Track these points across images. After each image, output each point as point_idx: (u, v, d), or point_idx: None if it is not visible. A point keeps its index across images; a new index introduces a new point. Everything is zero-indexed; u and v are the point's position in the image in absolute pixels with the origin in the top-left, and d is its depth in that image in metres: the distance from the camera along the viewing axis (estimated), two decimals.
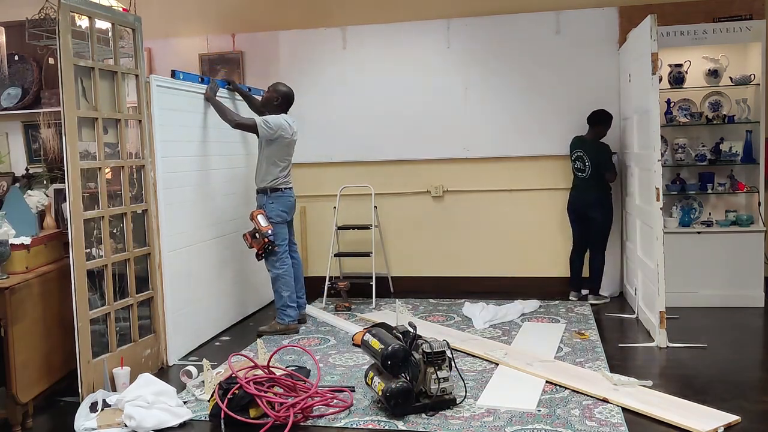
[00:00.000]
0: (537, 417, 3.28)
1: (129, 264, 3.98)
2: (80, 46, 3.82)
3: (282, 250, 4.92)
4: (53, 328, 3.62)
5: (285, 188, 4.95)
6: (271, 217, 4.85)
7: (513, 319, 5.06)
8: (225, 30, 6.33)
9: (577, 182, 5.52)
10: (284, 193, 4.94)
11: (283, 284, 4.92)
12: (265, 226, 4.75)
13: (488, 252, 6.04)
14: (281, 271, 4.91)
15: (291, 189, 5.04)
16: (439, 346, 3.40)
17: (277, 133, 4.81)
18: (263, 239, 4.76)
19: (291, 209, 5.05)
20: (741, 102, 5.36)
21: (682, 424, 3.10)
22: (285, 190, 4.95)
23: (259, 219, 4.79)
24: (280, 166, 4.91)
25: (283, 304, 4.94)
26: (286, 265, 4.95)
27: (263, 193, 4.92)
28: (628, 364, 4.03)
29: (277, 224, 4.89)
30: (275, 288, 4.95)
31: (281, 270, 4.91)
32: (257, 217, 4.79)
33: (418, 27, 6.00)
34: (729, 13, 5.36)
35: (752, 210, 5.40)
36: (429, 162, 6.08)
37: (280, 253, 4.91)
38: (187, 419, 3.38)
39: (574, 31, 5.74)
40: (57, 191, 4.24)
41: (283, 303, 4.94)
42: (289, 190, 5.01)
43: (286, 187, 4.97)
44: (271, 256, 4.88)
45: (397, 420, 3.30)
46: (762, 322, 4.87)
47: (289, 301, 4.95)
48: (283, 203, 4.93)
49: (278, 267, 4.91)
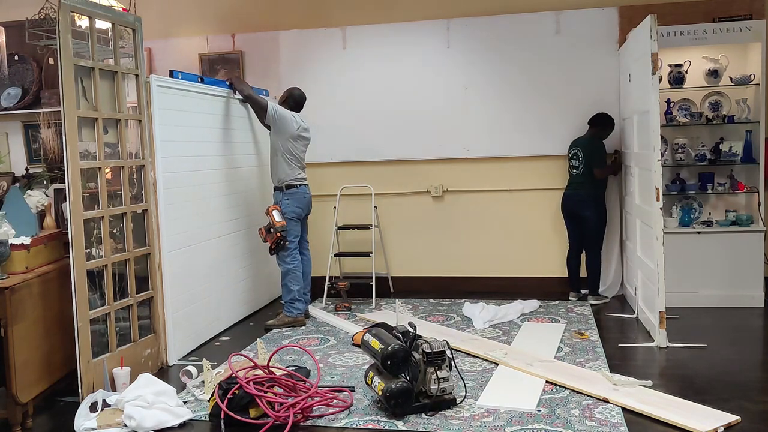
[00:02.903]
0: (537, 417, 3.28)
1: (129, 264, 3.98)
2: (80, 46, 3.83)
3: (293, 246, 5.08)
4: (53, 328, 3.63)
5: (300, 185, 5.12)
6: (286, 213, 5.01)
7: (513, 319, 5.06)
8: (225, 30, 6.33)
9: (571, 179, 5.53)
10: (299, 190, 5.11)
11: (292, 279, 5.07)
12: (279, 221, 4.91)
13: (488, 252, 6.04)
14: (291, 266, 5.06)
15: (306, 186, 5.20)
16: (439, 346, 3.40)
17: (278, 121, 5.00)
18: (276, 234, 4.91)
19: (306, 206, 5.21)
20: (741, 102, 5.36)
21: (682, 424, 3.10)
22: (300, 187, 5.12)
23: (274, 214, 4.94)
24: (293, 164, 5.07)
25: (291, 298, 5.08)
26: (296, 261, 5.11)
27: (279, 190, 5.09)
28: (628, 364, 4.03)
29: (290, 221, 5.03)
30: (284, 282, 5.09)
31: (291, 265, 5.06)
32: (272, 213, 4.95)
33: (418, 27, 6.00)
34: (729, 13, 5.36)
35: (752, 210, 5.40)
36: (429, 162, 6.08)
37: (291, 248, 5.06)
38: (187, 419, 3.38)
39: (574, 31, 5.74)
40: (57, 191, 4.24)
41: (292, 297, 5.08)
42: (305, 187, 5.17)
43: (301, 184, 5.13)
44: (282, 251, 5.03)
45: (397, 420, 3.31)
46: (762, 322, 4.87)
47: (298, 295, 5.10)
48: (298, 200, 5.09)
49: (288, 262, 5.06)
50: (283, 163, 5.05)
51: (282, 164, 5.05)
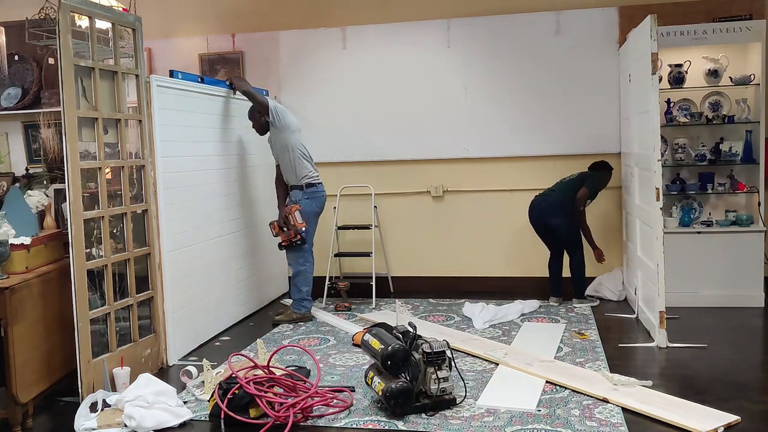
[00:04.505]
0: (537, 417, 3.28)
1: (129, 264, 3.98)
2: (80, 46, 3.82)
3: (308, 248, 5.14)
4: (53, 328, 3.62)
5: (317, 183, 5.16)
6: (306, 213, 5.05)
7: (513, 319, 5.06)
8: (225, 30, 6.33)
9: (550, 187, 5.47)
10: (318, 189, 5.15)
11: (303, 279, 5.13)
12: (300, 222, 4.95)
13: (488, 252, 6.04)
14: (304, 268, 5.12)
15: (322, 184, 5.22)
16: (439, 346, 3.40)
17: (281, 115, 5.05)
18: (295, 234, 4.95)
19: (322, 205, 5.23)
20: (741, 102, 5.36)
21: (682, 424, 3.10)
22: (319, 186, 5.16)
23: (296, 215, 4.98)
24: (309, 160, 5.13)
25: (300, 298, 5.15)
26: (309, 263, 5.17)
27: (299, 189, 5.10)
28: (628, 364, 4.03)
29: (308, 220, 5.07)
30: (295, 281, 5.16)
31: (304, 267, 5.12)
32: (294, 213, 4.98)
33: (418, 27, 6.00)
34: (729, 13, 5.36)
35: (752, 210, 5.40)
36: (429, 162, 6.08)
37: (306, 250, 5.11)
38: (187, 419, 3.38)
39: (574, 31, 5.74)
40: (57, 191, 4.24)
41: (301, 297, 5.15)
42: (321, 185, 5.20)
43: (318, 182, 5.17)
44: (296, 251, 5.08)
45: (397, 420, 3.31)
46: (762, 322, 4.87)
47: (306, 296, 5.17)
48: (318, 200, 5.15)
49: (302, 263, 5.12)
50: (301, 159, 5.07)
51: (301, 161, 5.07)
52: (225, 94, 5.22)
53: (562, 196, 5.31)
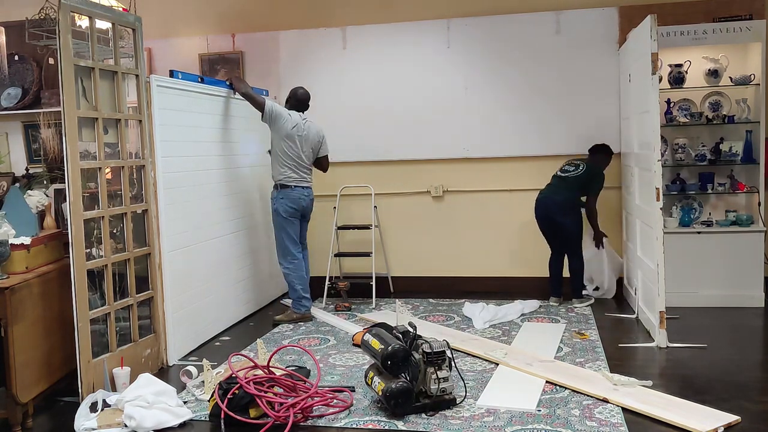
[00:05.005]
0: (537, 417, 3.28)
1: (129, 264, 3.98)
2: (80, 46, 3.82)
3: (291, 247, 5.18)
4: (53, 328, 3.62)
5: (295, 186, 5.15)
6: (278, 210, 5.11)
7: (513, 319, 5.06)
8: (225, 30, 6.33)
9: (554, 182, 5.45)
10: (293, 190, 5.14)
11: (294, 278, 5.19)
12: None
13: (488, 252, 6.04)
14: (292, 266, 5.20)
15: (303, 188, 5.20)
16: (439, 346, 3.40)
17: (273, 120, 5.08)
18: None
19: (302, 207, 5.21)
20: (741, 102, 5.36)
21: (682, 424, 3.10)
22: (295, 188, 5.15)
23: None
24: (286, 164, 5.11)
25: (297, 296, 5.20)
26: (297, 260, 5.21)
27: (275, 188, 5.20)
28: (628, 364, 4.03)
29: (284, 219, 5.11)
30: (288, 281, 5.24)
31: (291, 265, 5.19)
32: None
33: (418, 27, 6.00)
34: (729, 13, 5.36)
35: (752, 210, 5.40)
36: (429, 162, 6.08)
37: (290, 249, 5.17)
38: (187, 419, 3.38)
39: (574, 31, 5.74)
40: (57, 191, 4.24)
41: (298, 295, 5.20)
42: (301, 189, 5.18)
43: (296, 185, 5.16)
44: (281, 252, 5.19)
45: (397, 420, 3.30)
46: (762, 322, 4.87)
47: (303, 293, 5.20)
48: (292, 200, 5.14)
49: (289, 261, 5.19)
50: (275, 161, 5.16)
51: (274, 163, 5.17)
52: (225, 94, 5.22)
53: (570, 196, 5.33)
